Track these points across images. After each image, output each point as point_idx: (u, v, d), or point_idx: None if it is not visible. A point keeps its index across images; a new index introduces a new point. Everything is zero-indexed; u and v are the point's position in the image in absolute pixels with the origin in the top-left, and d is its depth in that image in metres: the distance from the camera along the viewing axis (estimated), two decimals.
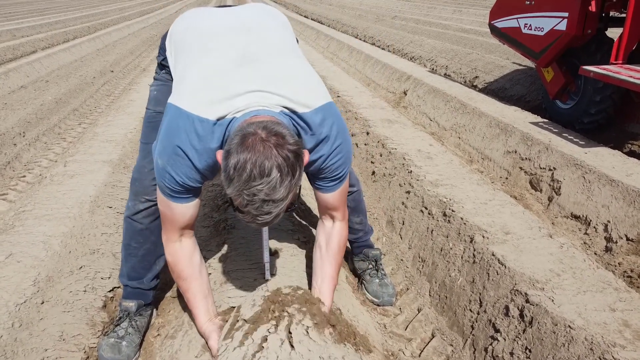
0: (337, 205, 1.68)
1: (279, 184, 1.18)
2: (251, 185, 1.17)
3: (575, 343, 1.56)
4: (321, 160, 1.50)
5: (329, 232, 1.73)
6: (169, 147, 1.39)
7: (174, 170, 1.41)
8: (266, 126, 1.23)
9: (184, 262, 1.63)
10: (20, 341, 1.66)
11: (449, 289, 2.15)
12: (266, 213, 1.21)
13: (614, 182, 2.77)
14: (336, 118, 1.50)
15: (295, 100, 1.39)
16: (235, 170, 1.17)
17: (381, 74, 6.72)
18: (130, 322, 1.87)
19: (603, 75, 3.28)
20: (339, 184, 1.61)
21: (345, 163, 1.56)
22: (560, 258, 2.01)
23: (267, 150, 1.18)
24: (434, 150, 3.35)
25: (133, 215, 1.81)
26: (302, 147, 1.28)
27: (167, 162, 1.40)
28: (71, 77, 6.63)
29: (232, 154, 1.19)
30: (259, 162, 1.16)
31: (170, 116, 1.40)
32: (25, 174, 3.65)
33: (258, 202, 1.18)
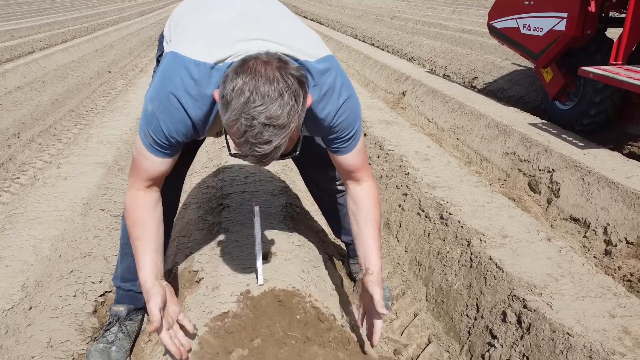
0: (359, 165, 1.59)
1: (280, 107, 1.09)
2: (250, 106, 1.08)
3: (574, 350, 1.52)
4: (329, 119, 1.42)
5: (359, 196, 1.63)
6: (162, 93, 1.31)
7: (163, 119, 1.32)
8: (268, 52, 1.16)
9: (144, 209, 1.50)
10: (6, 348, 1.63)
11: (446, 294, 2.12)
12: (266, 142, 1.11)
13: (614, 185, 2.73)
14: (339, 70, 1.42)
15: (297, 48, 1.32)
16: (234, 92, 1.10)
17: (380, 75, 6.69)
18: (120, 327, 1.83)
19: (603, 76, 3.24)
20: (354, 142, 1.52)
21: (354, 118, 1.48)
22: (558, 262, 1.97)
23: (269, 72, 1.10)
24: (432, 152, 3.32)
25: None
26: (306, 75, 1.19)
27: (158, 108, 1.32)
28: (68, 78, 6.60)
29: (230, 77, 1.12)
30: (259, 84, 1.09)
31: (166, 61, 1.32)
32: (19, 176, 3.61)
33: (258, 126, 1.09)
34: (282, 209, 2.51)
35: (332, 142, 1.52)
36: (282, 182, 2.86)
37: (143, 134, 1.41)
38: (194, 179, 3.18)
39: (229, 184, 2.80)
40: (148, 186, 1.50)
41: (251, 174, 2.92)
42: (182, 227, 2.63)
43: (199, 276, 2.08)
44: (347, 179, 1.65)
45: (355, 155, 1.56)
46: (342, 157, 1.56)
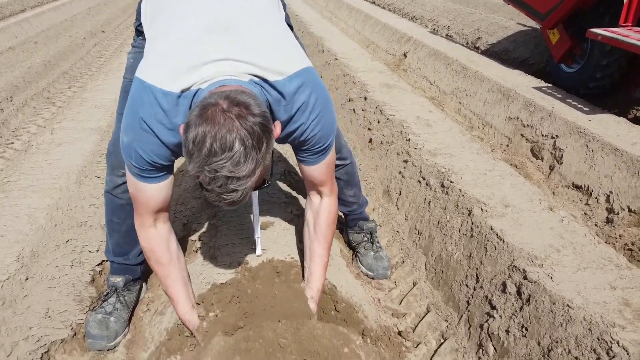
0: (323, 179, 1.58)
1: (243, 158, 1.07)
2: (212, 160, 1.07)
3: (574, 323, 1.51)
4: (300, 131, 1.39)
5: (317, 209, 1.64)
6: (134, 122, 1.29)
7: (141, 147, 1.30)
8: (228, 96, 1.12)
9: (162, 248, 1.53)
10: (3, 320, 1.62)
11: (445, 263, 2.11)
12: (232, 191, 1.11)
13: (618, 151, 2.68)
14: (315, 84, 1.37)
15: (266, 67, 1.27)
16: (195, 145, 1.07)
17: (381, 35, 6.51)
18: (117, 298, 1.83)
19: (611, 38, 3.14)
20: (322, 156, 1.50)
21: (327, 134, 1.45)
22: (560, 233, 1.95)
23: (229, 122, 1.07)
24: (434, 117, 3.25)
25: (112, 190, 1.74)
26: (269, 117, 1.16)
27: (133, 138, 1.30)
28: (61, 38, 6.42)
29: (191, 127, 1.09)
30: (219, 136, 1.06)
31: (134, 90, 1.30)
32: (14, 141, 3.55)
33: (221, 179, 1.08)
34: (280, 177, 2.48)
35: (301, 152, 1.50)
36: (280, 151, 2.81)
37: (128, 169, 1.39)
38: None
39: None
40: (156, 219, 1.50)
41: None
42: (179, 195, 2.60)
43: (196, 246, 2.07)
44: (310, 190, 1.65)
45: (322, 169, 1.54)
46: (309, 168, 1.54)
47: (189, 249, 2.10)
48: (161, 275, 1.56)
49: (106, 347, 1.74)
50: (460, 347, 1.78)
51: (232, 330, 1.43)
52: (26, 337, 1.61)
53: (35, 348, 1.60)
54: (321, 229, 1.64)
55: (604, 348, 1.41)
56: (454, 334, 1.85)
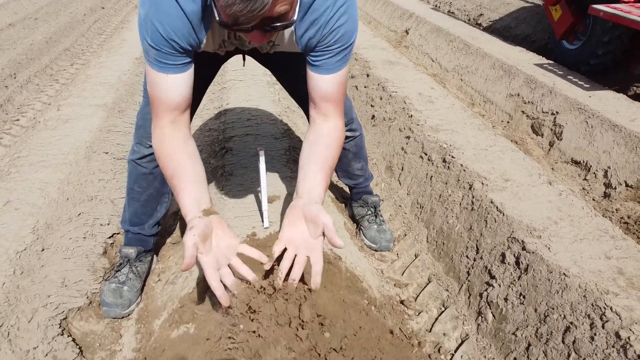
0: (333, 94, 1.40)
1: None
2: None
3: (569, 290, 1.58)
4: (325, 19, 1.27)
5: (319, 134, 1.43)
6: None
7: (158, 18, 1.22)
8: None
9: (173, 145, 1.35)
10: (23, 288, 1.69)
11: (447, 236, 2.17)
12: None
13: (617, 127, 2.73)
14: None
15: None
16: None
17: (383, 12, 6.48)
18: (130, 268, 1.89)
19: (613, 15, 3.15)
20: (341, 63, 1.37)
21: (351, 31, 1.33)
22: (558, 206, 2.01)
23: None
24: (435, 94, 3.28)
25: (138, 160, 1.75)
26: None
27: (150, 8, 1.21)
28: (61, 15, 6.38)
29: None
30: None
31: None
32: (19, 118, 3.58)
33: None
34: (285, 152, 2.52)
35: (316, 53, 1.36)
36: (285, 124, 2.85)
37: (145, 53, 1.30)
38: (195, 121, 3.16)
39: (231, 126, 2.79)
40: (172, 120, 1.36)
41: (253, 116, 2.91)
42: None
43: None
44: (314, 108, 1.45)
45: (334, 81, 1.39)
46: (322, 77, 1.38)
47: None
48: (169, 176, 1.36)
49: (120, 314, 1.81)
50: (460, 315, 1.86)
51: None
52: (45, 305, 1.68)
53: (54, 315, 1.67)
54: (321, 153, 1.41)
55: (598, 313, 1.48)
56: (454, 303, 1.92)
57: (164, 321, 1.73)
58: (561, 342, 1.51)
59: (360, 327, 1.46)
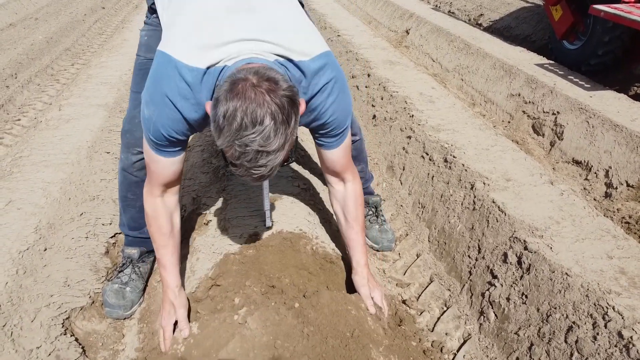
0: (343, 162, 1.61)
1: (273, 133, 1.09)
2: (242, 134, 1.08)
3: (572, 290, 1.59)
4: (318, 113, 1.42)
5: (343, 197, 1.69)
6: (157, 96, 1.30)
7: (161, 122, 1.32)
8: (257, 71, 1.13)
9: (165, 218, 1.55)
10: (26, 288, 1.69)
11: (448, 235, 2.17)
12: (261, 166, 1.12)
13: (618, 127, 2.73)
14: (335, 68, 1.40)
15: (291, 48, 1.30)
16: (225, 119, 1.09)
17: (383, 12, 6.48)
18: (133, 269, 1.89)
19: (614, 14, 3.15)
20: (340, 140, 1.54)
21: (344, 118, 1.49)
22: (560, 205, 2.01)
23: (259, 97, 1.09)
24: (436, 94, 3.28)
25: (127, 168, 1.77)
26: (297, 92, 1.18)
27: (154, 112, 1.32)
28: (61, 15, 6.38)
29: (220, 102, 1.10)
30: (250, 110, 1.08)
31: (158, 64, 1.31)
32: (20, 117, 3.58)
33: (251, 153, 1.10)
34: None
35: (321, 136, 1.53)
36: None
37: (146, 140, 1.41)
38: None
39: None
40: (165, 190, 1.52)
41: None
42: (187, 170, 2.65)
43: (207, 219, 2.13)
44: (332, 177, 1.68)
45: (341, 152, 1.58)
46: (328, 152, 1.58)
47: (199, 222, 2.17)
48: (158, 244, 1.58)
49: (123, 315, 1.81)
50: (462, 315, 1.86)
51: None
52: (48, 304, 1.68)
53: (57, 314, 1.67)
54: (351, 215, 1.69)
55: (600, 313, 1.49)
56: (457, 302, 1.92)
57: None
58: (564, 341, 1.51)
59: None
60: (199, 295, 1.67)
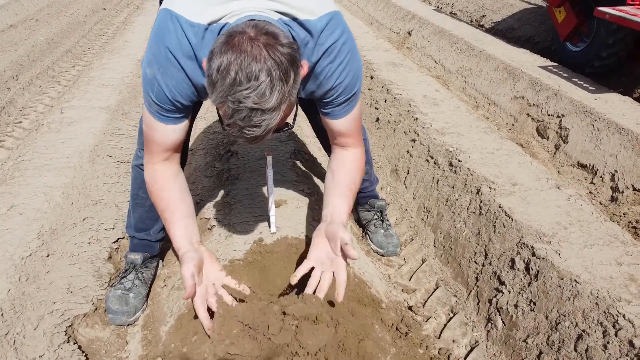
0: (350, 133, 1.49)
1: (269, 90, 1.03)
2: (236, 90, 1.03)
3: (581, 297, 1.57)
4: (325, 76, 1.33)
5: (340, 161, 1.55)
6: (159, 53, 1.24)
7: (165, 81, 1.26)
8: (257, 25, 1.07)
9: (163, 181, 1.45)
10: (28, 295, 1.67)
11: (454, 240, 2.15)
12: (255, 125, 1.06)
13: (624, 131, 2.72)
14: (344, 29, 1.31)
15: (297, 6, 1.23)
16: (219, 73, 1.03)
17: (385, 13, 6.47)
18: (136, 274, 1.87)
19: (619, 17, 3.14)
20: (348, 108, 1.43)
21: (355, 81, 1.39)
22: (567, 210, 1.99)
23: (256, 51, 1.03)
24: (440, 96, 3.27)
25: (142, 165, 1.74)
26: (297, 49, 1.11)
27: (158, 70, 1.25)
28: (62, 16, 6.37)
29: (215, 55, 1.05)
30: (245, 64, 1.02)
31: (160, 20, 1.25)
32: (22, 120, 3.57)
33: (245, 110, 1.04)
34: (291, 155, 2.51)
35: (326, 105, 1.44)
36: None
37: (147, 104, 1.34)
38: (199, 123, 3.15)
39: None
40: (165, 159, 1.46)
41: None
42: (190, 174, 2.63)
43: (210, 224, 2.11)
44: (334, 143, 1.56)
45: (348, 121, 1.48)
46: (334, 121, 1.47)
47: (203, 227, 2.15)
48: (160, 210, 1.48)
49: (126, 322, 1.79)
50: (469, 322, 1.84)
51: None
52: (51, 311, 1.67)
53: (60, 322, 1.65)
54: (342, 179, 1.52)
55: (610, 321, 1.47)
56: (463, 309, 1.90)
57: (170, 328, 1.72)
58: (573, 350, 1.50)
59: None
60: None
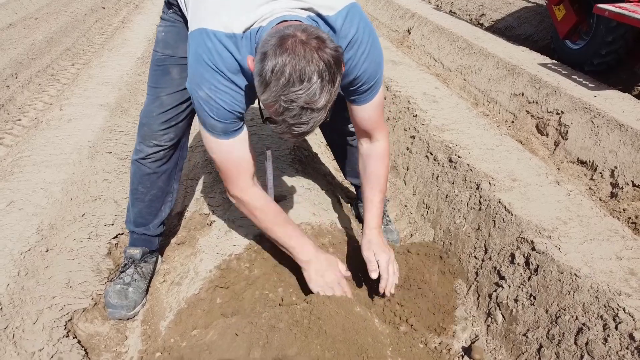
0: (374, 119, 1.57)
1: (319, 91, 1.09)
2: (290, 90, 1.08)
3: (581, 291, 1.57)
4: (349, 67, 1.38)
5: (368, 155, 1.65)
6: (206, 73, 1.28)
7: (221, 97, 1.31)
8: (305, 29, 1.12)
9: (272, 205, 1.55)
10: (27, 289, 1.67)
11: (454, 236, 2.15)
12: (303, 123, 1.13)
13: (623, 127, 2.72)
14: (363, 18, 1.36)
15: (318, 3, 1.28)
16: (273, 74, 1.08)
17: (384, 11, 6.47)
18: (135, 269, 1.87)
19: (618, 14, 3.14)
20: (372, 94, 1.50)
21: (376, 70, 1.44)
22: (567, 206, 1.99)
23: (308, 54, 1.08)
24: (440, 93, 3.26)
25: (141, 159, 1.75)
26: (342, 52, 1.17)
27: (210, 88, 1.30)
28: (61, 14, 6.36)
29: (269, 56, 1.09)
30: (299, 66, 1.07)
31: (197, 41, 1.29)
32: (21, 117, 3.56)
33: (296, 109, 1.10)
34: (291, 152, 2.50)
35: (353, 92, 1.50)
36: None
37: (211, 130, 1.38)
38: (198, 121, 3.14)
39: None
40: (252, 178, 1.51)
41: (257, 116, 2.88)
42: (190, 170, 2.63)
43: (210, 219, 2.11)
44: (361, 135, 1.64)
45: (372, 108, 1.54)
46: (359, 107, 1.54)
47: (202, 222, 2.14)
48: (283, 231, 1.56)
49: (126, 316, 1.79)
50: (469, 316, 1.84)
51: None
52: (50, 306, 1.66)
53: (59, 316, 1.65)
54: (372, 172, 1.65)
55: (611, 315, 1.47)
56: (463, 304, 1.90)
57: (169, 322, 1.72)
58: (573, 343, 1.49)
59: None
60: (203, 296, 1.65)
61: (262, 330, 1.33)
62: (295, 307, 1.41)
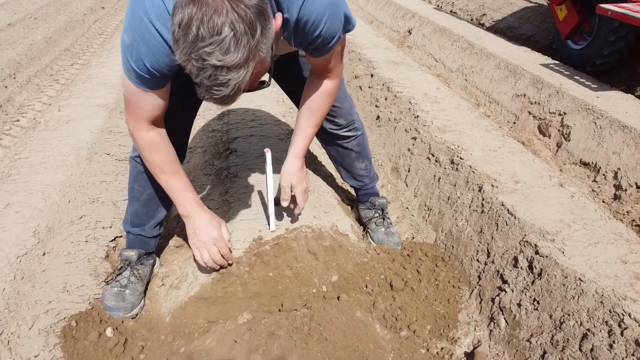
0: (330, 65, 1.51)
1: (234, 45, 0.98)
2: (199, 46, 0.97)
3: (586, 296, 1.54)
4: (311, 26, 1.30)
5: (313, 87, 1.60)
6: (135, 19, 1.20)
7: (143, 50, 1.23)
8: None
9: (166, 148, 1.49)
10: (23, 294, 1.64)
11: (456, 239, 2.13)
12: (222, 84, 1.02)
13: (627, 128, 2.69)
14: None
15: None
16: (181, 29, 0.98)
17: (385, 11, 6.45)
18: (132, 271, 1.84)
19: (621, 14, 3.11)
20: (330, 48, 1.42)
21: (332, 31, 1.35)
22: (571, 208, 1.96)
23: (218, 3, 0.97)
24: (441, 94, 3.24)
25: (138, 157, 1.71)
26: (267, 3, 1.06)
27: (134, 37, 1.22)
28: (61, 14, 6.34)
29: (177, 10, 0.99)
30: (206, 18, 0.96)
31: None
32: (19, 118, 3.53)
33: (210, 69, 1.00)
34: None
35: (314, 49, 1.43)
36: (289, 125, 2.81)
37: (127, 70, 1.31)
38: (198, 121, 3.12)
39: (234, 127, 2.75)
40: (151, 123, 1.44)
41: (257, 117, 2.86)
42: (189, 172, 2.61)
43: None
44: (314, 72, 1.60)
45: (330, 56, 1.48)
46: (315, 58, 1.49)
47: None
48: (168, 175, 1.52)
49: (124, 317, 1.76)
50: (471, 321, 1.82)
51: None
52: (46, 311, 1.64)
53: (56, 321, 1.62)
54: (314, 105, 1.62)
55: (616, 320, 1.44)
56: (466, 308, 1.88)
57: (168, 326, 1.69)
58: (578, 349, 1.47)
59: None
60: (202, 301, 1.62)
61: (262, 337, 1.30)
62: (295, 313, 1.39)
